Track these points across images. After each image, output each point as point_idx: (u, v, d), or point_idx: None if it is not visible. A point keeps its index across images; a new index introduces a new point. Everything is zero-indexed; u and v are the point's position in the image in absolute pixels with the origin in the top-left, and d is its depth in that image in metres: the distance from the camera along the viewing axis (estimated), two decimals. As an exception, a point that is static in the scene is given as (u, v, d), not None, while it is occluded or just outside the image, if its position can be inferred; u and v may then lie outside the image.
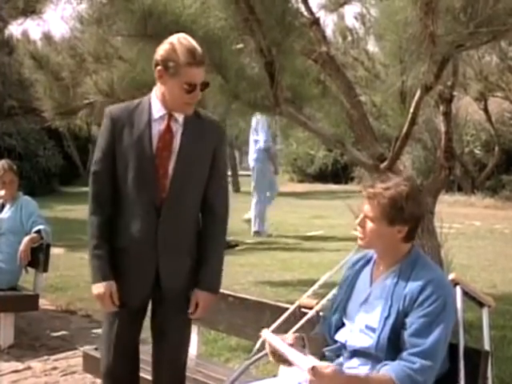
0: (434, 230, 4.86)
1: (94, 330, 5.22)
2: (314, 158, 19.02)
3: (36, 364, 4.53)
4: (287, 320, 2.94)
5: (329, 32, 10.97)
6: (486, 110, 14.38)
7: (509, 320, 5.13)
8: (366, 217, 2.39)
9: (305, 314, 2.82)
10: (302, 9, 4.45)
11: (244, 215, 9.63)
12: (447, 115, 4.89)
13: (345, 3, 5.37)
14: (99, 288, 2.71)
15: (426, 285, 2.30)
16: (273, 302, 3.45)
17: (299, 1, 4.44)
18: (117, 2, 3.90)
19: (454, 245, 6.01)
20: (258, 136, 9.51)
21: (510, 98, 14.12)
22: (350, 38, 10.76)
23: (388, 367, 2.29)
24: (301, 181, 21.18)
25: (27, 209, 5.02)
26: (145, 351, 2.97)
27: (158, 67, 2.57)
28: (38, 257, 4.92)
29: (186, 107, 2.62)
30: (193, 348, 3.33)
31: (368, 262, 2.55)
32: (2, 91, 14.85)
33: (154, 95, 2.66)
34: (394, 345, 2.32)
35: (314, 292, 3.05)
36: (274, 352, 2.43)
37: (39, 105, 5.68)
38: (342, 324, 2.52)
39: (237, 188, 18.20)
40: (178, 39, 2.56)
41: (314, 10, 4.62)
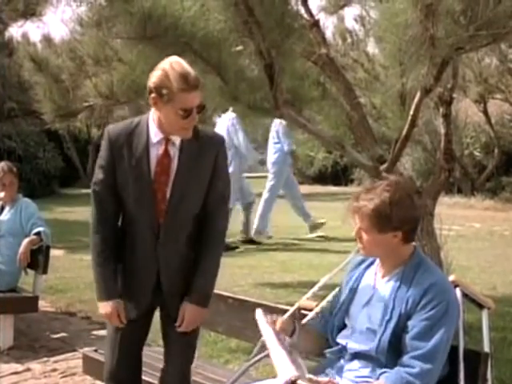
0: (433, 232, 4.86)
1: (94, 332, 5.22)
2: (314, 160, 18.99)
3: (35, 366, 4.53)
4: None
5: (328, 34, 10.98)
6: (485, 112, 14.39)
7: (509, 322, 5.12)
8: (359, 228, 2.41)
9: (304, 315, 2.81)
10: (302, 11, 4.45)
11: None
12: (447, 117, 4.89)
13: (345, 5, 5.38)
14: (106, 307, 2.71)
15: (428, 288, 2.30)
16: (272, 304, 3.44)
17: (299, 3, 4.45)
18: (116, 4, 3.90)
19: (454, 247, 6.00)
20: (277, 139, 9.54)
21: (510, 101, 14.13)
22: (349, 39, 10.77)
23: (386, 375, 2.29)
24: (300, 182, 21.02)
25: (27, 211, 5.02)
26: (148, 355, 2.97)
27: (152, 94, 2.53)
28: (38, 259, 4.92)
29: (183, 132, 2.60)
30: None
31: (372, 263, 2.55)
32: (1, 93, 14.86)
33: (151, 118, 2.63)
34: (394, 348, 2.32)
35: (314, 294, 3.05)
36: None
37: (39, 107, 5.69)
38: (344, 325, 2.52)
39: (237, 190, 18.18)
40: (171, 64, 2.51)
41: (314, 12, 4.63)
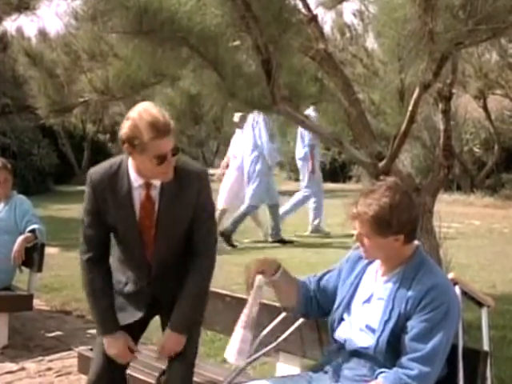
0: (432, 230, 4.86)
1: (89, 331, 5.21)
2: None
3: (30, 365, 4.53)
4: (284, 320, 2.94)
5: (327, 29, 10.98)
6: (485, 107, 14.38)
7: (508, 320, 5.13)
8: (360, 234, 2.41)
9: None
10: (300, 5, 4.43)
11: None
12: (446, 113, 4.89)
13: (343, 0, 5.36)
14: (113, 349, 2.74)
15: (429, 290, 2.31)
16: (270, 302, 3.44)
17: (297, -3, 4.43)
18: (112, -2, 3.89)
19: (453, 244, 6.01)
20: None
21: (510, 96, 14.12)
22: (348, 34, 10.77)
23: (384, 375, 2.29)
24: (298, 179, 21.12)
25: (21, 208, 5.01)
26: (145, 354, 2.97)
27: (125, 145, 2.57)
28: (33, 256, 4.92)
29: (162, 176, 2.64)
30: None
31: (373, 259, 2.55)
32: (-4, 89, 14.83)
33: (130, 164, 2.67)
34: (393, 348, 2.32)
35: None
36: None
37: (33, 102, 5.68)
38: (342, 319, 2.52)
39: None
40: (139, 114, 2.54)
41: (312, 6, 4.61)
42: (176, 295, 2.75)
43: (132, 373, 3.06)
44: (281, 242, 8.93)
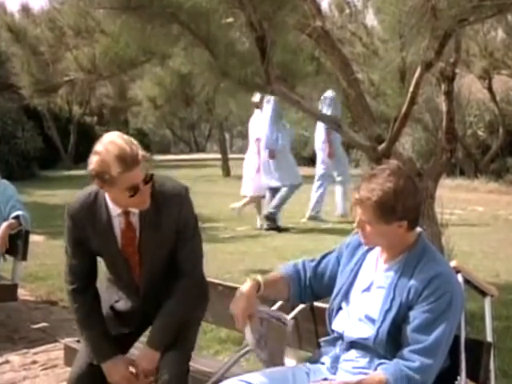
0: (434, 216, 4.86)
1: (76, 322, 5.21)
2: (309, 140, 18.98)
3: (14, 358, 4.53)
4: (279, 309, 2.93)
5: (324, 5, 10.91)
6: (490, 88, 14.34)
7: (513, 310, 5.15)
8: (362, 220, 2.40)
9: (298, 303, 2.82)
10: (296, -20, 4.40)
11: (234, 203, 9.59)
12: (449, 94, 4.87)
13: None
14: (115, 375, 2.77)
15: (432, 279, 2.30)
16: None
17: (293, -28, 4.39)
18: (98, -28, 3.85)
19: (456, 231, 6.01)
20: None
21: (516, 76, 14.10)
22: (347, 11, 10.68)
23: (384, 367, 2.29)
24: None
25: (5, 193, 4.98)
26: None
27: (95, 180, 2.62)
28: (17, 244, 4.90)
29: (138, 206, 2.70)
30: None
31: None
32: (-23, 67, 14.73)
33: (106, 194, 2.73)
34: (394, 339, 2.32)
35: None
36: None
37: (16, 81, 5.64)
38: (340, 308, 2.52)
39: (227, 172, 18.16)
40: (105, 148, 2.57)
41: (309, -19, 4.57)
42: None
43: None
44: (276, 230, 8.92)
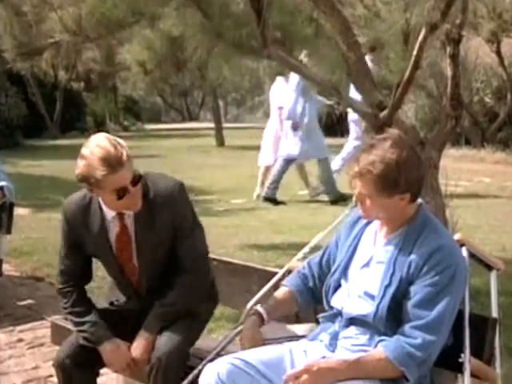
0: (438, 188, 4.86)
1: (64, 298, 5.23)
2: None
3: (0, 336, 4.54)
4: (276, 285, 2.94)
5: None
6: (498, 52, 14.25)
7: (519, 285, 5.18)
8: (362, 194, 2.38)
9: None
10: None
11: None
12: (455, 58, 4.82)
13: None
14: (117, 358, 2.79)
15: (434, 251, 2.30)
16: (260, 266, 3.45)
17: None
18: None
19: (461, 204, 6.03)
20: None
21: (526, 40, 14.02)
22: (347, -30, 10.57)
23: (385, 344, 2.30)
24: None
25: (-13, 164, 4.96)
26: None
27: (83, 183, 2.71)
28: (1, 217, 4.89)
29: (128, 208, 2.75)
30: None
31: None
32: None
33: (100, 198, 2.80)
34: (394, 315, 2.32)
35: (305, 255, 3.06)
36: None
37: (-2, 43, 5.58)
38: (339, 286, 2.53)
39: (221, 142, 18.12)
40: (90, 150, 2.63)
41: None
42: None
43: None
44: (272, 202, 8.92)
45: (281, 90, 9.27)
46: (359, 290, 2.43)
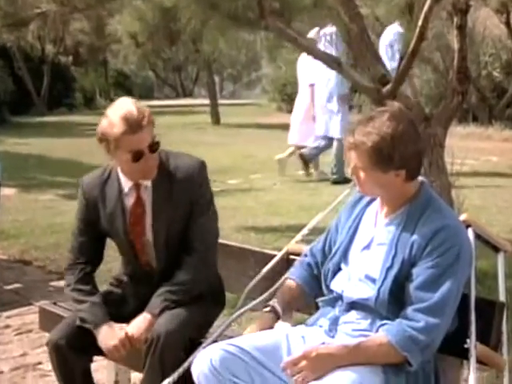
0: (443, 167, 4.85)
1: (52, 283, 5.24)
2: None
3: (-15, 321, 4.57)
4: (274, 269, 2.95)
5: None
6: (508, 23, 14.18)
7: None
8: (356, 167, 2.39)
9: (294, 261, 2.82)
10: None
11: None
12: (462, 29, 4.79)
13: None
14: (110, 339, 2.79)
15: (437, 231, 2.29)
16: (258, 249, 3.45)
17: None
18: None
19: (467, 183, 6.04)
20: (391, 54, 9.11)
21: (537, 11, 13.94)
22: None
23: (386, 328, 2.30)
24: (291, 111, 20.88)
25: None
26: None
27: (102, 143, 2.80)
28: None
29: (142, 175, 2.85)
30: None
31: (373, 200, 2.53)
32: None
33: (118, 167, 2.91)
34: (396, 298, 2.32)
35: (304, 237, 3.06)
36: None
37: (-18, 14, 5.53)
38: (339, 269, 2.52)
39: (216, 119, 18.06)
40: (114, 108, 2.78)
41: None
42: None
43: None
44: (344, 182, 8.71)
45: (310, 66, 9.00)
46: (360, 273, 2.43)
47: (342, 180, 8.70)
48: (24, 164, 10.47)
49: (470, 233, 2.51)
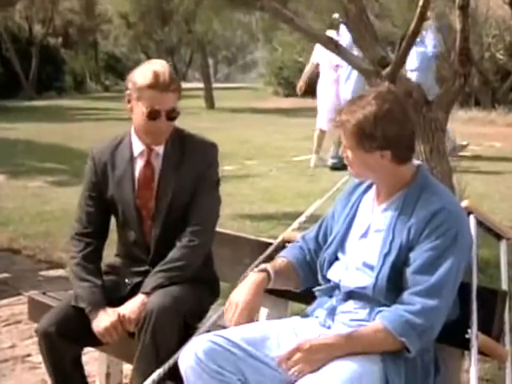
0: (445, 152, 4.85)
1: (41, 273, 5.25)
2: (303, 67, 18.84)
3: (-27, 312, 4.57)
4: (270, 257, 2.95)
5: None
6: (511, 4, 14.17)
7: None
8: (344, 146, 2.43)
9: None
10: None
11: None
12: (464, 9, 4.77)
13: None
14: (103, 322, 2.79)
15: (435, 213, 2.30)
16: (253, 237, 3.46)
17: None
18: None
19: (469, 170, 6.03)
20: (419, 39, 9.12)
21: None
22: None
23: (382, 314, 2.30)
24: (287, 95, 20.89)
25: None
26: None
27: (127, 91, 2.93)
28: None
29: (151, 137, 2.93)
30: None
31: (370, 186, 2.54)
32: None
33: (132, 128, 3.00)
34: (394, 285, 2.33)
35: (301, 225, 3.06)
36: None
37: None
38: (336, 259, 2.53)
39: (211, 104, 18.03)
40: (150, 62, 2.97)
41: None
42: None
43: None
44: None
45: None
46: (357, 261, 2.43)
47: (341, 166, 8.70)
48: (12, 150, 10.44)
49: (472, 220, 2.51)
